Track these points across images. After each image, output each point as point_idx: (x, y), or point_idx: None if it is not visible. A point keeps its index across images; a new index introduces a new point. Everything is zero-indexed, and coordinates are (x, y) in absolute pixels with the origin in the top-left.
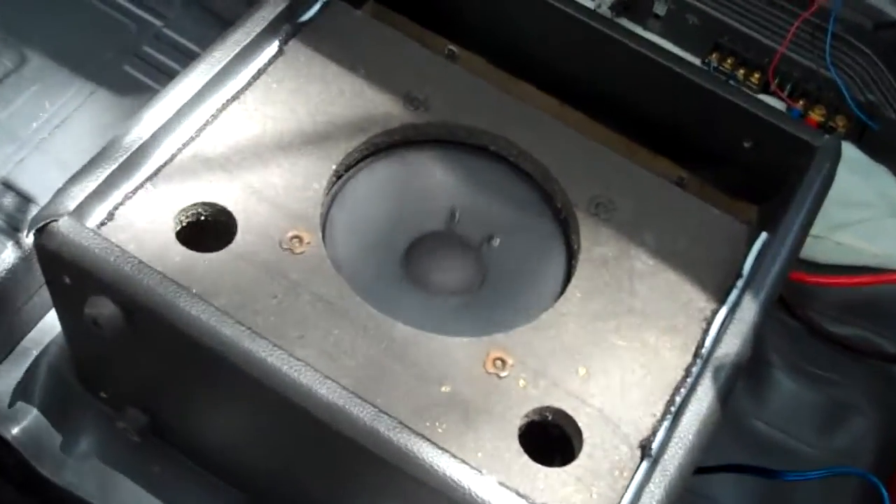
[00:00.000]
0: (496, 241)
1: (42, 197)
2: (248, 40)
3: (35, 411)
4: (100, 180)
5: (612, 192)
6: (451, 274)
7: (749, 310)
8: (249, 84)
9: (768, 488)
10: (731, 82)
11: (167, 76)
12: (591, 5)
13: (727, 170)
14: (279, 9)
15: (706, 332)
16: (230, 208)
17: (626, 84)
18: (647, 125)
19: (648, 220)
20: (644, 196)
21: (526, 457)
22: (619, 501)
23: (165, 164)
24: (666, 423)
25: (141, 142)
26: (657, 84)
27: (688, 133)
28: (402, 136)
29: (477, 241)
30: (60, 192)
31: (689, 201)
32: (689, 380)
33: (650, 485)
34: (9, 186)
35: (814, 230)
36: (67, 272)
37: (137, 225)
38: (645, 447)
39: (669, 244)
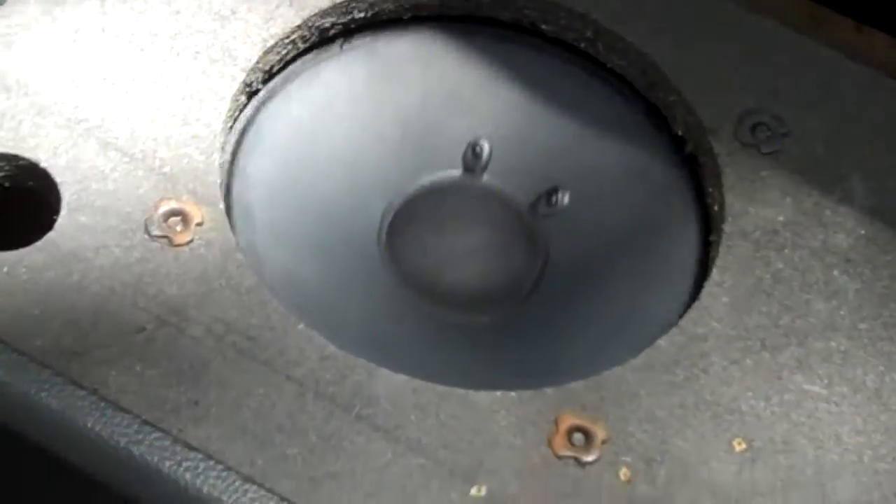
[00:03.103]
0: (563, 199)
1: None
2: None
3: None
4: None
5: (780, 101)
6: (480, 266)
7: None
8: None
9: None
10: None
11: None
12: None
13: None
14: None
15: None
16: (44, 164)
17: None
18: None
19: (853, 153)
20: (842, 107)
21: None
22: None
23: None
24: None
25: None
26: None
27: None
28: (373, 10)
29: (525, 200)
30: None
31: None
32: None
33: None
34: None
35: None
36: None
37: None
38: None
39: (895, 195)
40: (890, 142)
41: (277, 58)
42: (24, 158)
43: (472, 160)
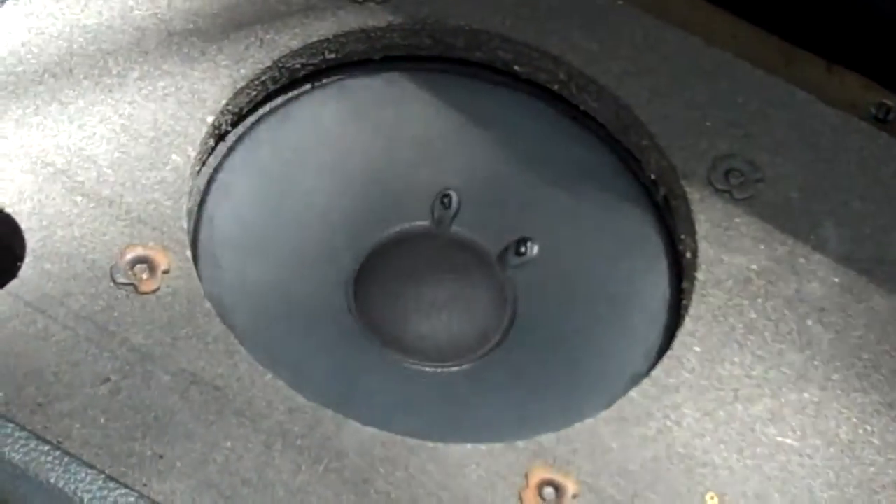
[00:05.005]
0: (532, 249)
1: None
2: None
3: None
4: None
5: (754, 146)
6: (449, 317)
7: None
8: None
9: None
10: None
11: None
12: None
13: None
14: None
15: None
16: (8, 209)
17: None
18: (815, 11)
19: (826, 199)
20: (815, 151)
21: None
22: None
23: None
24: None
25: None
26: None
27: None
28: (344, 51)
29: (494, 250)
30: None
31: None
32: None
33: None
34: None
35: None
36: None
37: None
38: None
39: (868, 243)
40: (863, 187)
41: (247, 100)
42: None
43: (441, 211)
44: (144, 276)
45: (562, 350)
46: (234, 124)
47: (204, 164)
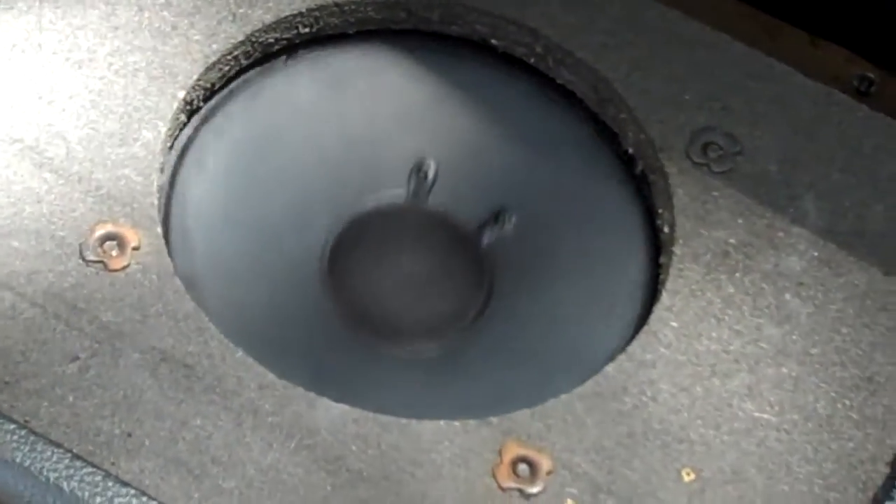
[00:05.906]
0: (509, 222)
1: None
2: None
3: None
4: None
5: (733, 119)
6: (424, 292)
7: None
8: None
9: None
10: None
11: None
12: None
13: None
14: None
15: None
16: None
17: None
18: None
19: (806, 171)
20: (795, 123)
21: None
22: None
23: None
24: None
25: None
26: None
27: None
28: (318, 25)
29: (471, 223)
30: None
31: (886, 128)
32: None
33: None
34: None
35: None
36: None
37: None
38: None
39: (848, 216)
40: (843, 160)
41: (219, 75)
42: None
43: (418, 182)
44: (114, 253)
45: (538, 325)
46: (206, 99)
47: (175, 139)
